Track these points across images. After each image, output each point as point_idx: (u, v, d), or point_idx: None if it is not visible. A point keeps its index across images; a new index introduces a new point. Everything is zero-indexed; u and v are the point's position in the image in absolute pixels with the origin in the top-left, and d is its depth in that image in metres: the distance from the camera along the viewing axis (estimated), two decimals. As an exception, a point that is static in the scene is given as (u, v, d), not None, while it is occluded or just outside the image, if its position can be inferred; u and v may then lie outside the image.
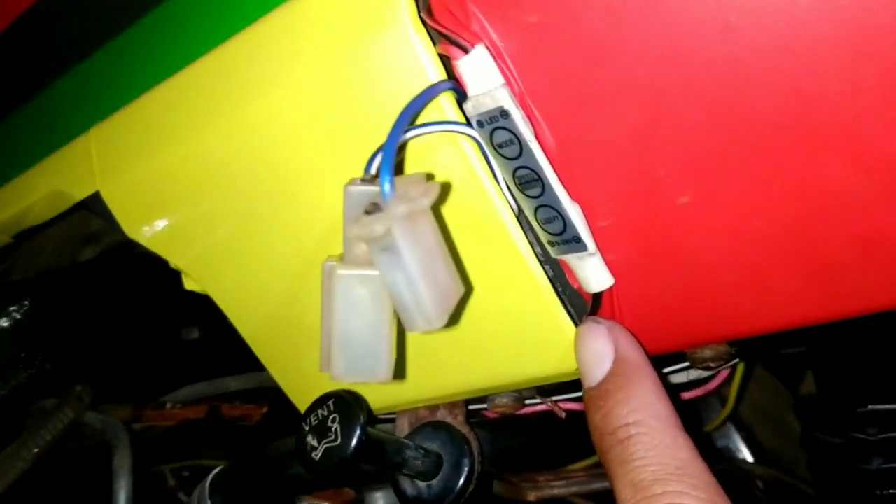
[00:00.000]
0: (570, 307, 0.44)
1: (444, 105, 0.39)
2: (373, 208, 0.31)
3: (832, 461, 0.60)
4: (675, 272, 0.40)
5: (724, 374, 0.56)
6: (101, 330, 0.72)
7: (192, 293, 0.56)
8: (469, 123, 0.39)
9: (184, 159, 0.49)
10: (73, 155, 0.55)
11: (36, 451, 0.64)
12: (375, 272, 0.33)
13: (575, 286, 0.43)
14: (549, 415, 0.58)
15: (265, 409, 0.72)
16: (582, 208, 0.40)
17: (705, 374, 0.53)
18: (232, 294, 0.53)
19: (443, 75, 0.39)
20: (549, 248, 0.42)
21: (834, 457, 0.60)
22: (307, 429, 0.45)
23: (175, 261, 0.54)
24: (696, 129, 0.36)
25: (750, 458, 0.72)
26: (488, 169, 0.41)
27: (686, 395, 0.57)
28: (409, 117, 0.34)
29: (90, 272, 0.70)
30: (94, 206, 0.55)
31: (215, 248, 0.52)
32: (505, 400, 0.53)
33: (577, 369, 0.43)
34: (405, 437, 0.52)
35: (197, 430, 0.74)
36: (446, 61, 0.39)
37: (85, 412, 0.70)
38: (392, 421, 0.55)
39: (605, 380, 0.39)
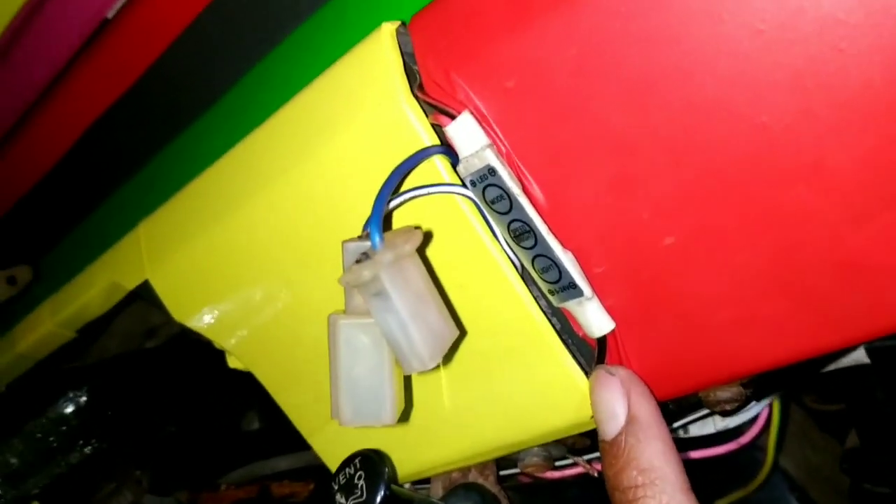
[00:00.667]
0: (579, 357, 0.45)
1: (441, 169, 0.43)
2: (363, 258, 0.34)
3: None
4: (671, 313, 0.42)
5: (760, 425, 0.56)
6: (160, 416, 0.76)
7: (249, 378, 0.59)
8: (464, 184, 0.42)
9: (219, 240, 0.53)
10: (126, 248, 0.61)
11: (97, 532, 0.67)
12: (373, 322, 0.36)
13: (580, 334, 0.45)
14: (585, 477, 0.58)
15: (312, 486, 0.74)
16: (576, 256, 0.42)
17: (732, 422, 0.53)
18: (270, 368, 0.57)
19: (436, 142, 0.42)
20: (550, 297, 0.44)
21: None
22: (336, 487, 0.47)
23: (218, 340, 0.57)
24: (668, 172, 0.38)
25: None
26: (486, 226, 0.43)
27: (720, 450, 0.57)
28: (398, 177, 0.38)
29: (150, 359, 0.74)
30: (145, 294, 0.60)
31: (253, 324, 0.55)
32: (535, 460, 0.54)
33: (591, 419, 0.44)
34: (439, 500, 0.53)
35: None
36: (440, 130, 0.43)
37: (144, 495, 0.73)
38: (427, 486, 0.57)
39: (618, 437, 0.40)
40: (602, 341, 0.44)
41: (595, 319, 0.43)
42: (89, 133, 0.69)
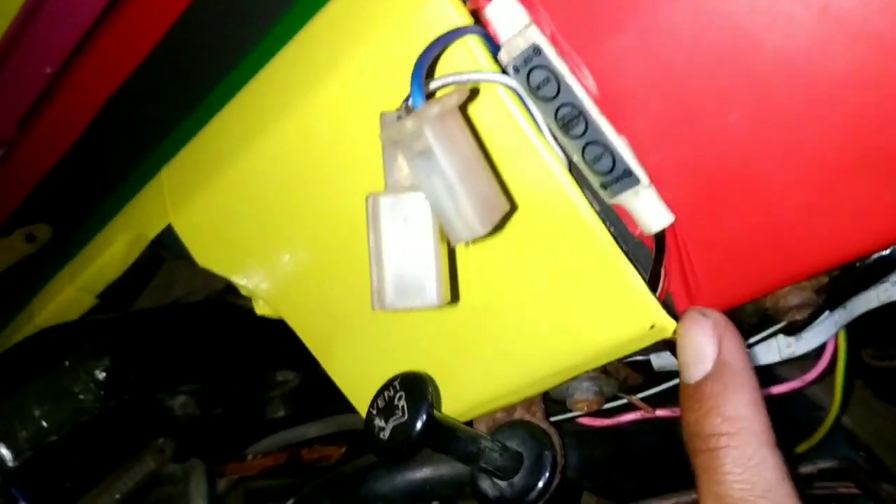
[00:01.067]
0: (635, 261, 0.42)
1: (479, 57, 0.40)
2: (405, 114, 0.32)
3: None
4: (737, 200, 0.39)
5: (826, 359, 0.52)
6: (185, 377, 0.74)
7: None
8: (505, 72, 0.40)
9: (242, 174, 0.50)
10: (148, 196, 0.58)
11: (118, 496, 0.64)
12: (417, 193, 0.33)
13: (636, 233, 0.42)
14: (640, 424, 0.54)
15: (344, 450, 0.71)
16: (629, 143, 0.39)
17: (798, 349, 0.49)
18: (302, 311, 0.53)
19: (474, 25, 0.40)
20: (602, 192, 0.41)
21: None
22: (374, 412, 0.43)
23: (245, 283, 0.55)
24: (735, 32, 0.35)
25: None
26: (531, 119, 0.40)
27: (784, 388, 0.53)
28: (436, 48, 0.35)
29: (178, 316, 0.71)
30: (169, 243, 0.57)
31: (281, 264, 0.52)
32: (586, 395, 0.50)
33: (650, 330, 0.41)
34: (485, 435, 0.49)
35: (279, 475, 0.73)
36: (478, 18, 0.40)
37: (167, 464, 0.70)
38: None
39: (704, 381, 0.37)
40: (660, 238, 0.40)
41: (653, 211, 0.40)
42: (113, 101, 0.67)
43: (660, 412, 0.54)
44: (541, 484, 0.46)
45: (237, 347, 0.73)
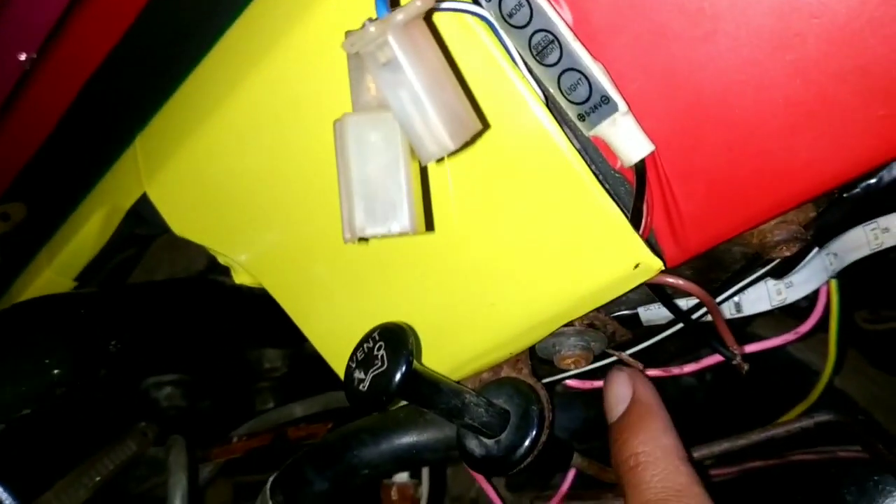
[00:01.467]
0: (616, 198, 0.41)
1: (450, -11, 0.38)
2: (369, 23, 0.31)
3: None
4: (718, 127, 0.37)
5: (820, 310, 0.51)
6: (166, 359, 0.72)
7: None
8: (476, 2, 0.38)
9: (212, 137, 0.49)
10: (123, 167, 0.57)
11: (98, 479, 0.62)
12: (385, 112, 0.32)
13: (616, 167, 0.41)
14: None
15: (330, 426, 0.69)
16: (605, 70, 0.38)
17: (790, 296, 0.48)
18: (278, 274, 0.52)
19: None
20: (581, 125, 0.39)
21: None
22: (354, 365, 0.42)
23: (222, 250, 0.53)
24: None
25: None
26: (504, 50, 0.39)
27: (778, 341, 0.51)
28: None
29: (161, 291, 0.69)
30: (144, 211, 0.56)
31: (257, 229, 0.51)
32: (574, 351, 0.48)
33: (635, 269, 0.40)
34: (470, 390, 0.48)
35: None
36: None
37: (148, 447, 0.68)
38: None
39: (622, 416, 0.46)
40: (641, 169, 0.39)
41: (632, 140, 0.38)
42: (90, 84, 0.66)
43: (650, 372, 0.52)
44: (528, 441, 0.45)
45: (222, 328, 0.71)
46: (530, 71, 0.39)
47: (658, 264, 0.40)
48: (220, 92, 0.49)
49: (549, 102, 0.40)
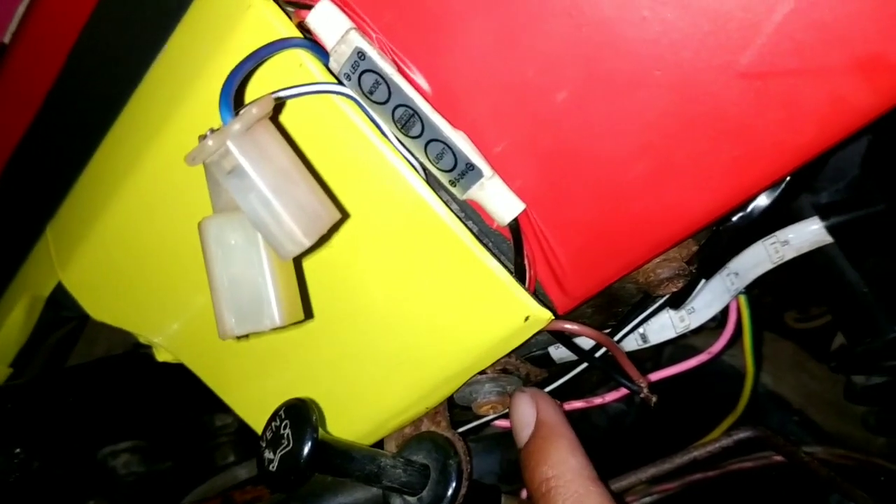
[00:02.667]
0: (499, 255, 0.42)
1: (312, 69, 0.39)
2: (209, 134, 0.31)
3: (882, 404, 0.54)
4: (582, 179, 0.38)
5: (731, 328, 0.52)
6: (108, 436, 0.72)
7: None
8: (339, 82, 0.39)
9: (116, 221, 0.49)
10: (38, 256, 0.57)
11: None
12: (239, 214, 0.33)
13: (493, 227, 0.41)
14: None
15: (275, 486, 0.69)
16: (471, 139, 0.39)
17: (693, 321, 0.49)
18: (195, 351, 0.52)
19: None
20: (454, 190, 0.40)
21: (882, 398, 0.53)
22: (264, 444, 0.42)
23: (141, 332, 0.54)
24: (547, 17, 0.35)
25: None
26: (375, 127, 0.40)
27: (692, 363, 0.52)
28: (252, 61, 0.35)
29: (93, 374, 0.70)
30: (64, 301, 0.56)
31: (173, 307, 0.51)
32: (489, 397, 0.49)
33: (526, 322, 0.41)
34: (390, 454, 0.48)
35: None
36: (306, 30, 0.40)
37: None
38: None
39: (529, 441, 0.45)
40: (515, 227, 0.40)
41: (503, 202, 0.39)
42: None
43: (573, 404, 0.53)
44: (448, 495, 0.45)
45: (166, 397, 0.72)
46: (401, 142, 0.40)
47: (546, 315, 0.41)
48: (118, 178, 0.49)
49: (428, 171, 0.41)
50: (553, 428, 0.45)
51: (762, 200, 0.41)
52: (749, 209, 0.41)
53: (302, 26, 0.40)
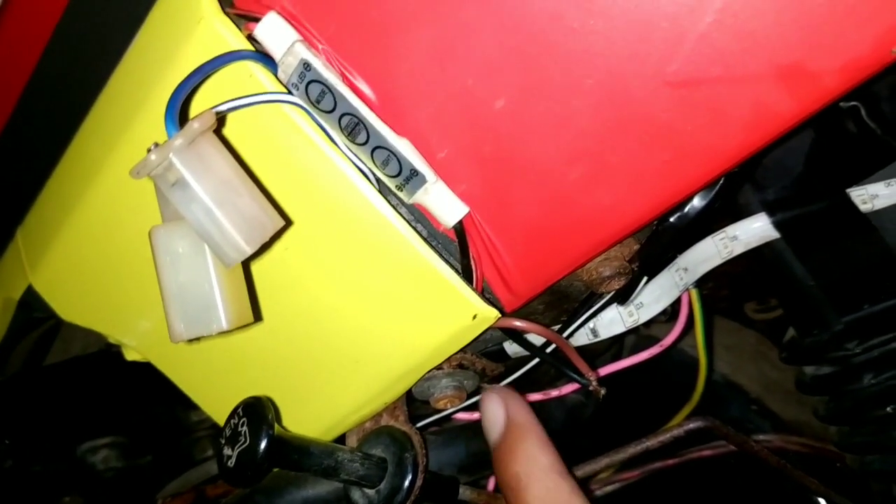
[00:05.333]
0: (448, 257, 0.43)
1: (264, 81, 0.40)
2: (153, 148, 0.32)
3: (830, 394, 0.55)
4: (524, 181, 0.40)
5: (682, 322, 0.54)
6: (82, 435, 0.74)
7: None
8: (289, 92, 0.40)
9: (83, 224, 0.51)
10: (9, 260, 0.58)
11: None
12: (184, 223, 0.34)
13: (441, 229, 0.43)
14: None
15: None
16: (416, 146, 0.40)
17: (642, 316, 0.50)
18: (163, 351, 0.54)
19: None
20: (401, 194, 0.42)
21: (830, 388, 0.55)
22: (223, 442, 0.44)
23: (109, 332, 0.55)
24: (484, 28, 0.37)
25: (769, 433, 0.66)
26: (325, 134, 0.41)
27: (644, 356, 0.54)
28: (199, 75, 0.36)
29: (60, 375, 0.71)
30: (36, 304, 0.58)
31: (141, 307, 0.53)
32: (446, 392, 0.51)
33: (474, 320, 0.42)
34: (349, 448, 0.50)
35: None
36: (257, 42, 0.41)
37: (75, 520, 0.70)
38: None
39: (500, 439, 0.47)
40: (460, 230, 0.41)
41: (447, 205, 0.41)
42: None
43: (532, 396, 0.55)
44: (405, 484, 0.47)
45: (144, 393, 0.73)
46: (351, 150, 0.41)
47: (493, 313, 0.42)
48: (83, 184, 0.50)
49: (380, 185, 0.42)
50: (522, 426, 0.47)
51: (698, 201, 0.43)
52: (686, 210, 0.43)
53: (252, 38, 0.41)
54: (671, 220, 0.43)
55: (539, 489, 0.43)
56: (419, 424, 0.54)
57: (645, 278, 0.46)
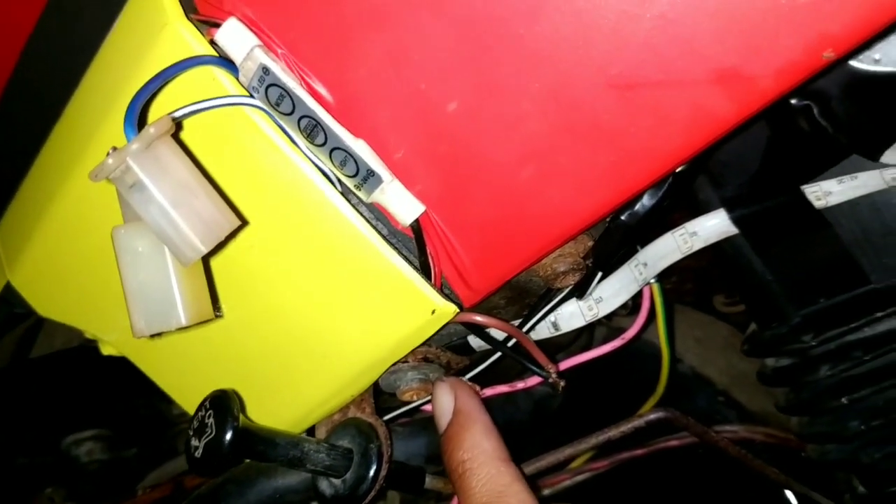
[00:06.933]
0: (407, 254, 0.44)
1: (226, 85, 0.42)
2: (111, 152, 0.34)
3: (790, 385, 0.57)
4: (477, 181, 0.41)
5: (644, 315, 0.55)
6: (63, 428, 0.75)
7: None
8: (251, 95, 0.42)
9: (59, 221, 0.52)
10: (-13, 257, 0.60)
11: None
12: (142, 223, 0.35)
13: (399, 228, 0.44)
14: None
15: (225, 472, 0.72)
16: (373, 147, 0.41)
17: (602, 310, 0.52)
18: (137, 346, 0.55)
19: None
20: (359, 194, 0.43)
21: (789, 380, 0.56)
22: (191, 433, 0.45)
23: (86, 327, 0.56)
24: (435, 35, 0.38)
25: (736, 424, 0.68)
26: (286, 136, 0.42)
27: (606, 349, 0.55)
28: (160, 80, 0.37)
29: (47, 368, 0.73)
30: (13, 298, 0.59)
31: (112, 301, 0.54)
32: (412, 384, 0.52)
33: (433, 315, 0.44)
34: (316, 440, 0.51)
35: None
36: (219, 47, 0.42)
37: (58, 511, 0.72)
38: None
39: (447, 428, 0.49)
40: (417, 228, 0.43)
41: (403, 204, 0.42)
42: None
43: (498, 388, 0.56)
44: (370, 474, 0.48)
45: (127, 386, 0.74)
46: (311, 151, 0.43)
47: (452, 308, 0.44)
48: (57, 183, 0.52)
49: (342, 186, 0.43)
50: (468, 414, 0.49)
51: (647, 200, 0.44)
52: (636, 208, 0.44)
53: (214, 43, 0.42)
54: (622, 217, 0.44)
55: (482, 475, 0.45)
56: (387, 417, 0.56)
57: (599, 274, 0.48)
